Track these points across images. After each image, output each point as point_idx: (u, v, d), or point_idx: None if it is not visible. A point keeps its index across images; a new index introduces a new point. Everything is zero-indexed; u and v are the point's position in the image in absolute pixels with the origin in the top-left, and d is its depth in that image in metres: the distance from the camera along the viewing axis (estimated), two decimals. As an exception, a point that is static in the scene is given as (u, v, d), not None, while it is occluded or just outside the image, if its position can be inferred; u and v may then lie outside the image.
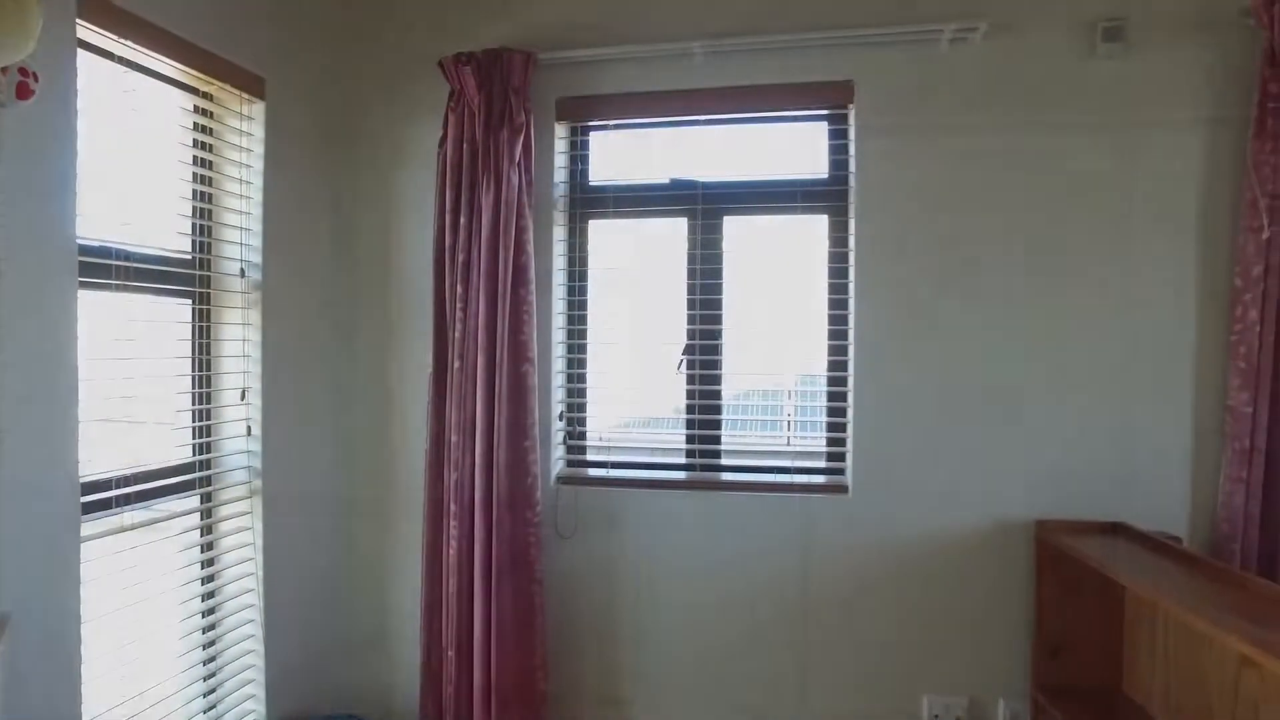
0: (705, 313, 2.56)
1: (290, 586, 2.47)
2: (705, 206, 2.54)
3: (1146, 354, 2.27)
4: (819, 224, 2.50)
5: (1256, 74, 2.12)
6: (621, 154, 2.64)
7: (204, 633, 2.21)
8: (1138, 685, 2.16)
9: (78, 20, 1.73)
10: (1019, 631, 2.33)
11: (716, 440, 2.58)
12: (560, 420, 2.61)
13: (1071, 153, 2.29)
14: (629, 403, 2.66)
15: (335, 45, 2.66)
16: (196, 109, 2.20)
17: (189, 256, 2.20)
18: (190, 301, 2.21)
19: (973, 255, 2.33)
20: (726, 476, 2.54)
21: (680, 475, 2.57)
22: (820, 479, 2.48)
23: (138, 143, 2.00)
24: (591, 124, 2.61)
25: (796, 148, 2.53)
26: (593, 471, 2.61)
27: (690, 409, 2.58)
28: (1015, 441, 2.32)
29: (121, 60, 1.90)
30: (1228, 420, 2.17)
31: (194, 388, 2.24)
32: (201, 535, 2.22)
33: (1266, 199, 2.07)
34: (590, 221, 2.64)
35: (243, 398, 2.33)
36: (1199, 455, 2.24)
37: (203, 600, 2.21)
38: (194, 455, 2.21)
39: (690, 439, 2.58)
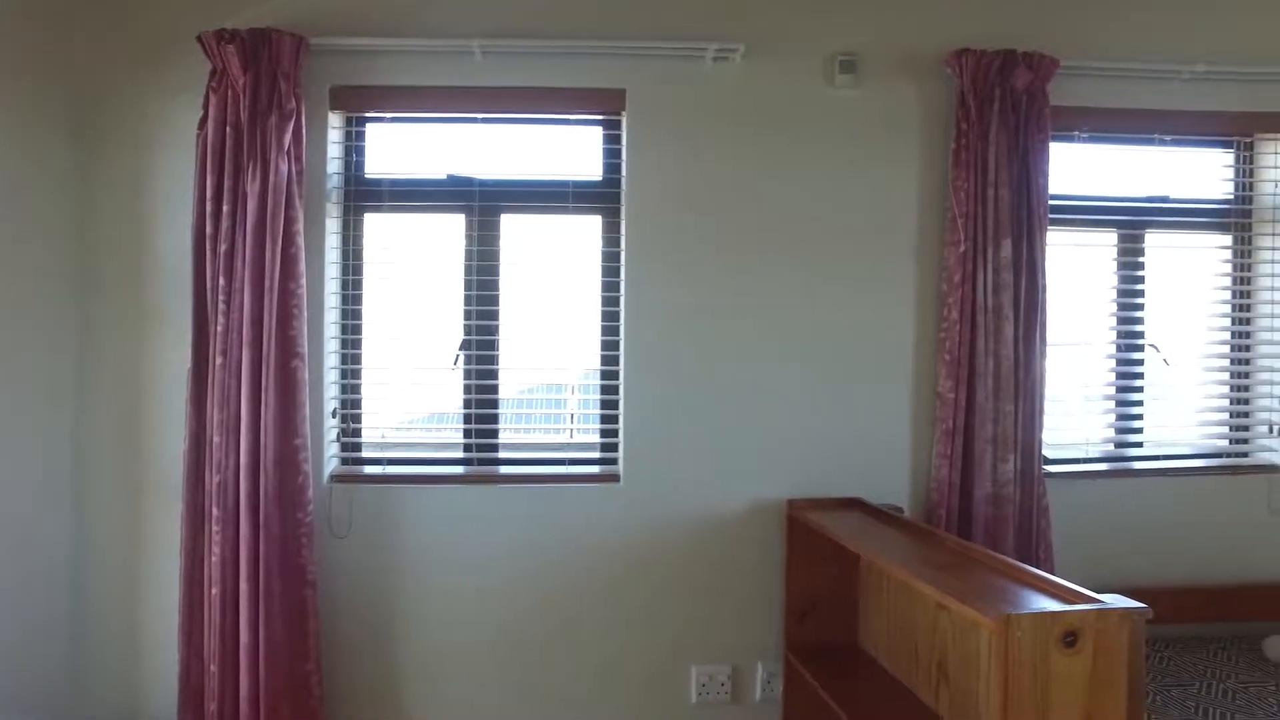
0: (482, 309, 2.60)
1: (11, 617, 2.21)
2: (482, 204, 2.58)
3: (875, 350, 2.58)
4: (593, 224, 2.62)
5: (953, 113, 2.51)
6: (399, 147, 2.61)
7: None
8: (869, 638, 2.46)
9: None
10: (775, 601, 2.56)
11: (495, 435, 2.63)
12: (334, 417, 2.54)
13: (815, 169, 2.55)
14: (407, 399, 2.64)
15: (69, 5, 2.40)
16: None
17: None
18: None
19: (731, 259, 2.54)
20: (504, 470, 2.59)
21: (458, 470, 2.59)
22: (595, 469, 2.60)
23: None
24: (368, 115, 2.57)
25: (573, 150, 2.62)
26: (369, 469, 2.56)
27: (468, 404, 2.60)
28: (769, 430, 2.56)
29: None
30: (937, 405, 2.53)
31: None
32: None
33: (962, 218, 2.45)
34: (366, 215, 2.59)
35: (-48, 398, 2.06)
36: (916, 437, 2.59)
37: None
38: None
39: (468, 434, 2.61)
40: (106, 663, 2.49)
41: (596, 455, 2.63)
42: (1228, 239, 2.83)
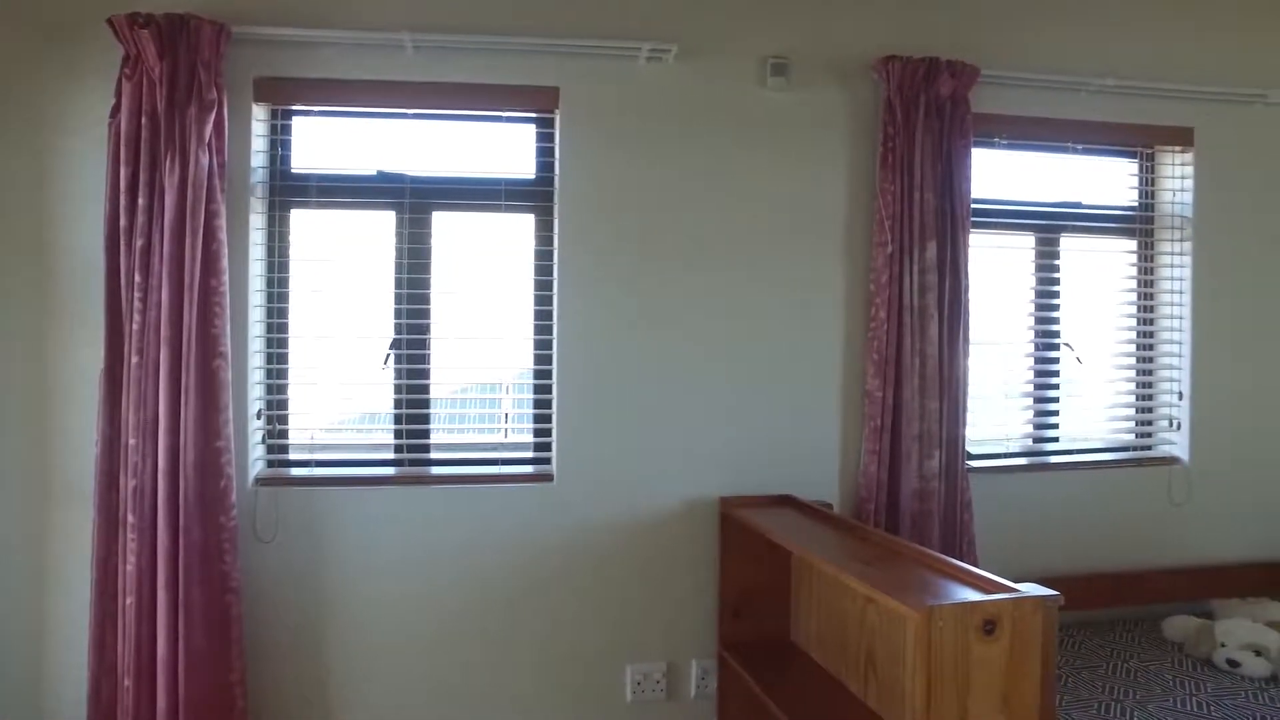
0: (413, 307, 2.55)
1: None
2: (413, 201, 2.54)
3: (806, 349, 2.64)
4: (526, 223, 2.60)
5: (880, 117, 2.58)
6: (327, 142, 2.54)
7: None
8: (801, 632, 2.51)
9: None
10: (709, 598, 2.58)
11: (427, 435, 2.58)
12: (259, 419, 2.46)
13: (747, 170, 2.59)
14: (336, 399, 2.57)
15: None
16: None
17: None
18: None
19: (664, 259, 2.55)
20: (436, 470, 2.55)
21: (389, 471, 2.54)
22: (528, 469, 2.58)
23: None
24: (294, 108, 2.49)
25: (506, 147, 2.60)
26: (296, 471, 2.49)
27: (399, 404, 2.55)
28: (701, 429, 2.58)
29: None
30: (866, 403, 2.60)
31: None
32: None
33: (889, 220, 2.52)
34: (292, 211, 2.51)
35: None
36: (846, 434, 2.66)
37: None
38: None
39: (399, 434, 2.56)
40: (6, 680, 2.35)
41: (530, 455, 2.61)
42: (1133, 244, 2.99)
